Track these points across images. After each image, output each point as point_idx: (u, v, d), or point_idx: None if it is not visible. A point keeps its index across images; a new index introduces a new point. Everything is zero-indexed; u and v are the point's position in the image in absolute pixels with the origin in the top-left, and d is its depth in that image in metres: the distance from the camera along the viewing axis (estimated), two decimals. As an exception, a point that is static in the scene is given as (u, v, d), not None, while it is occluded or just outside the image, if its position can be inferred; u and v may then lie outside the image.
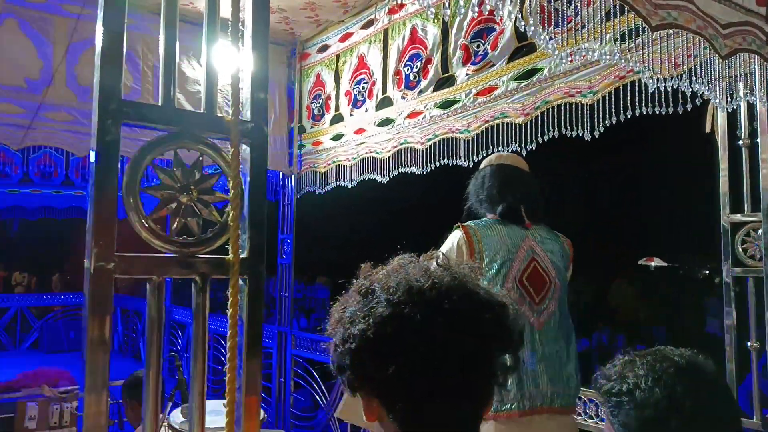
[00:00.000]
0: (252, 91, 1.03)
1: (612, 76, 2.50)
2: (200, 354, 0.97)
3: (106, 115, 0.86)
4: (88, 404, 0.85)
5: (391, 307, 0.81)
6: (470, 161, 3.18)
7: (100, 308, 0.85)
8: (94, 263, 0.85)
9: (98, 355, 0.85)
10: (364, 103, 4.03)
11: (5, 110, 3.73)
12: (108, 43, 0.88)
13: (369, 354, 0.81)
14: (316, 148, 4.55)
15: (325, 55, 4.42)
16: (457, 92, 3.28)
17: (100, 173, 0.86)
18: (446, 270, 0.86)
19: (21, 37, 3.81)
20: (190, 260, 0.95)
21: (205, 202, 0.96)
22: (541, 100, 2.83)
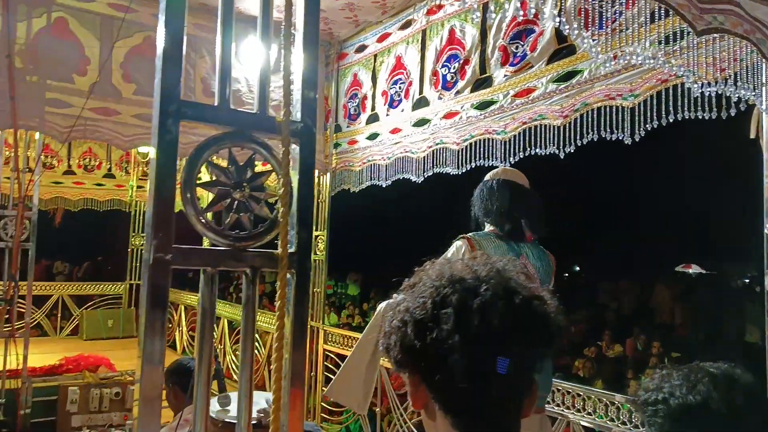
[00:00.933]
0: (302, 92, 1.06)
1: (654, 79, 2.47)
2: (249, 343, 1.01)
3: (167, 115, 0.91)
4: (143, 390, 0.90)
5: (432, 287, 0.86)
6: (506, 162, 3.18)
7: (158, 297, 0.89)
8: (153, 254, 0.89)
9: (155, 343, 0.89)
10: (400, 103, 4.06)
11: (53, 105, 3.88)
12: (169, 45, 0.93)
13: (411, 327, 0.85)
14: (352, 147, 4.60)
15: (363, 55, 4.47)
16: (494, 93, 3.28)
17: (160, 170, 0.90)
18: (485, 264, 0.89)
19: (70, 35, 3.96)
20: (241, 254, 0.99)
21: (256, 198, 1.00)
22: (581, 102, 2.82)
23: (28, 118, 3.77)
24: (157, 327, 0.89)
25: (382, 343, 0.92)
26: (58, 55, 3.87)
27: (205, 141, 0.95)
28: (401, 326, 0.87)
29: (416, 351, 0.85)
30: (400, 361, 0.89)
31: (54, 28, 3.89)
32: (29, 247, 4.48)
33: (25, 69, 3.78)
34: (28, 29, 3.78)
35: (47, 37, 3.83)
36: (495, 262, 0.91)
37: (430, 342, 0.82)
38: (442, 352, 0.81)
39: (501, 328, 0.82)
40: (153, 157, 0.92)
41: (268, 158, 1.01)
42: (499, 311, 0.82)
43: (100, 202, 8.01)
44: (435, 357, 0.83)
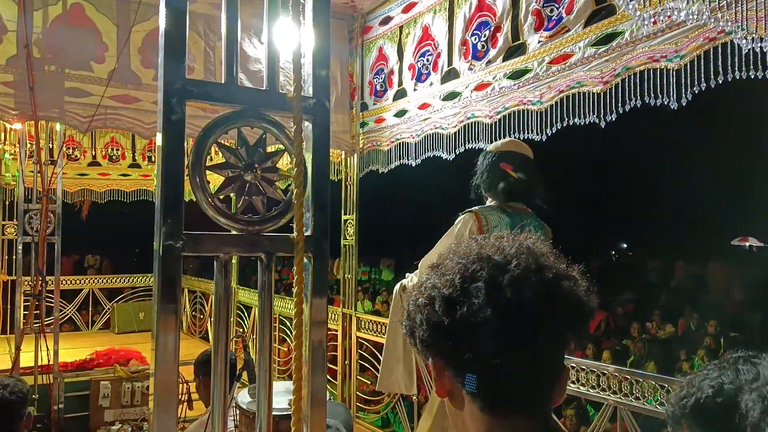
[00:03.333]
0: (314, 68, 1.05)
1: (701, 38, 2.36)
2: (266, 331, 1.01)
3: (171, 94, 0.90)
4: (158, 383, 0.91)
5: (460, 264, 0.85)
6: (543, 135, 3.11)
7: (169, 286, 0.90)
8: (162, 242, 0.90)
9: (169, 334, 0.90)
10: (428, 76, 4.01)
11: (73, 94, 3.95)
12: (171, 23, 0.92)
13: (439, 303, 0.83)
14: (379, 125, 4.57)
15: (388, 28, 4.42)
16: (528, 61, 3.20)
17: (167, 152, 0.90)
18: (515, 241, 0.87)
19: (87, 22, 4.02)
20: (255, 238, 0.99)
21: (269, 180, 1.00)
22: (622, 66, 2.73)
23: (48, 109, 3.86)
24: (169, 318, 0.90)
25: (406, 324, 0.90)
26: (75, 43, 3.94)
27: (212, 121, 0.95)
28: (428, 303, 0.86)
29: (444, 328, 0.83)
30: (426, 340, 0.87)
31: (70, 15, 3.96)
32: (55, 240, 4.62)
33: (43, 59, 3.86)
34: (45, 18, 3.85)
35: (64, 25, 3.90)
36: (524, 239, 0.89)
37: (460, 317, 0.81)
38: (473, 326, 0.80)
39: (534, 302, 0.80)
40: (159, 139, 0.92)
41: (279, 137, 1.01)
42: (531, 285, 0.81)
43: (126, 193, 8.19)
44: (465, 334, 0.82)
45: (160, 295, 0.90)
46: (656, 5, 1.75)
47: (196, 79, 0.94)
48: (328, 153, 1.07)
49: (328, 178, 1.07)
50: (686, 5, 1.66)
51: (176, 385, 0.91)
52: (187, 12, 0.95)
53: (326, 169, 1.06)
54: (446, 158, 3.91)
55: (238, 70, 0.99)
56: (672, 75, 2.53)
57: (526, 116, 3.24)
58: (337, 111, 4.69)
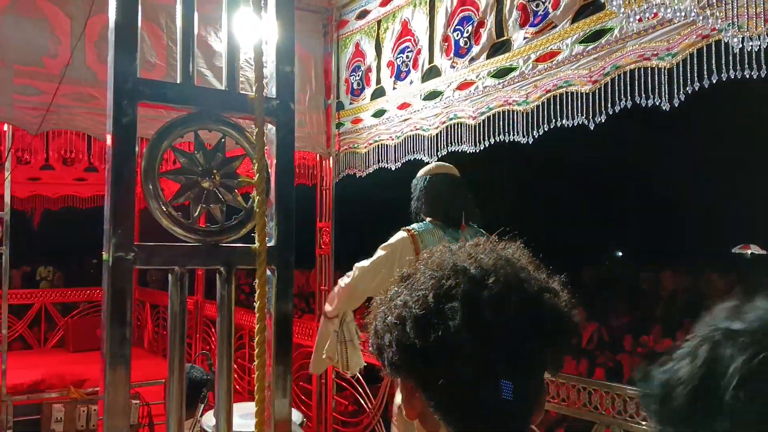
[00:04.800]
0: (277, 65, 1.05)
1: (694, 35, 2.41)
2: (225, 350, 1.01)
3: (122, 95, 0.90)
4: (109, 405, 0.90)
5: (433, 279, 0.84)
6: (529, 137, 3.14)
7: (119, 301, 0.89)
8: (112, 254, 0.89)
9: (119, 353, 0.90)
10: (408, 74, 4.03)
11: (23, 92, 3.89)
12: (121, 15, 0.92)
13: (411, 324, 0.82)
14: (356, 126, 4.58)
15: (365, 22, 4.43)
16: (513, 59, 3.24)
17: (117, 157, 0.90)
18: (491, 251, 0.87)
19: (37, 13, 3.96)
20: (213, 249, 0.99)
21: (228, 187, 1.00)
22: (611, 65, 2.77)
23: (-5, 108, 3.81)
24: (120, 336, 0.90)
25: (373, 343, 0.91)
26: (25, 36, 3.89)
27: (167, 124, 0.95)
28: (398, 323, 0.85)
29: (416, 351, 0.83)
30: (396, 363, 0.87)
31: (19, 5, 3.90)
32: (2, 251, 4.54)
33: (-11, 54, 3.80)
34: (-9, 9, 3.80)
35: (12, 16, 3.84)
36: (501, 249, 0.89)
37: (434, 340, 0.81)
38: (448, 351, 0.80)
39: (514, 324, 0.80)
40: (109, 143, 0.92)
41: (240, 141, 1.01)
42: (511, 305, 0.81)
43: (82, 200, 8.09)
44: (438, 358, 0.82)
45: (111, 311, 0.89)
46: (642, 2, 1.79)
47: (149, 79, 0.94)
48: (293, 157, 1.08)
49: (293, 183, 1.07)
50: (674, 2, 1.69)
51: (128, 409, 0.91)
52: (138, 3, 0.95)
53: (291, 175, 1.06)
54: (428, 161, 3.93)
55: (198, 68, 0.99)
56: (664, 74, 2.57)
57: (511, 117, 3.27)
58: (311, 110, 4.69)
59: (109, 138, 0.91)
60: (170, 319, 0.97)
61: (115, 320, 0.88)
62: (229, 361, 1.00)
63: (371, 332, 0.92)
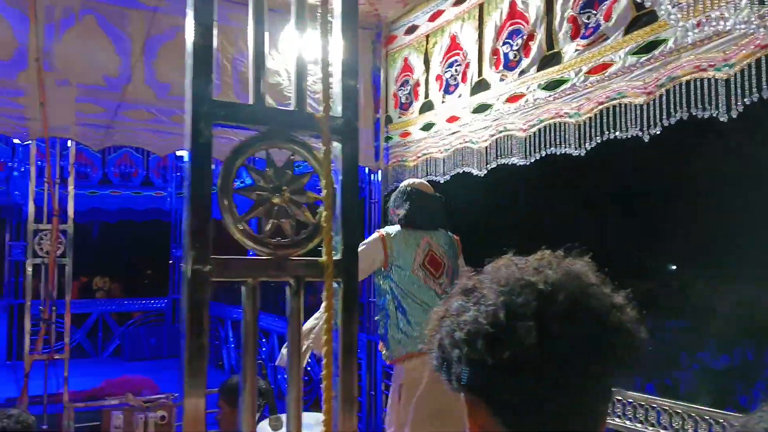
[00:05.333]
0: (342, 84, 1.09)
1: (752, 45, 2.37)
2: (295, 359, 1.05)
3: (199, 118, 0.95)
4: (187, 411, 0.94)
5: (503, 295, 0.84)
6: (581, 149, 3.13)
7: (198, 312, 0.94)
8: (191, 266, 0.94)
9: (197, 361, 0.94)
10: (457, 87, 4.06)
11: (85, 110, 4.07)
12: (199, 40, 0.97)
13: (482, 342, 0.83)
14: (405, 139, 4.63)
15: (414, 37, 4.49)
16: (564, 71, 3.23)
17: (195, 176, 0.95)
18: (558, 266, 0.88)
19: (99, 34, 4.14)
20: (284, 263, 1.03)
21: (297, 202, 1.04)
22: (666, 76, 2.74)
23: (59, 125, 3.98)
24: (198, 345, 0.94)
25: (438, 356, 0.92)
26: (88, 57, 4.06)
27: (240, 144, 1.00)
28: (468, 339, 0.85)
29: (487, 368, 0.84)
30: (464, 378, 0.88)
31: (82, 27, 4.08)
32: (66, 262, 4.73)
33: (55, 73, 3.98)
34: (57, 31, 3.99)
35: (76, 38, 4.03)
36: (568, 264, 0.90)
37: (507, 358, 0.81)
38: (519, 368, 0.81)
39: (584, 341, 0.81)
40: (186, 163, 0.97)
41: (308, 158, 1.05)
42: (581, 323, 0.82)
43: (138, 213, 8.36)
44: (509, 374, 0.82)
45: (190, 321, 0.94)
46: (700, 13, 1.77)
47: (224, 101, 0.99)
48: (357, 173, 1.11)
49: (357, 199, 1.11)
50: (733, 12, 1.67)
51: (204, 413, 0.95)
52: (215, 28, 1.00)
53: (355, 191, 1.10)
54: (477, 174, 3.94)
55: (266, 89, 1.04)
56: (721, 85, 2.53)
57: (562, 129, 3.26)
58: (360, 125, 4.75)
59: (186, 158, 0.96)
60: (243, 329, 1.02)
61: (193, 330, 0.93)
62: (298, 371, 1.03)
63: (435, 346, 0.92)
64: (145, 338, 8.34)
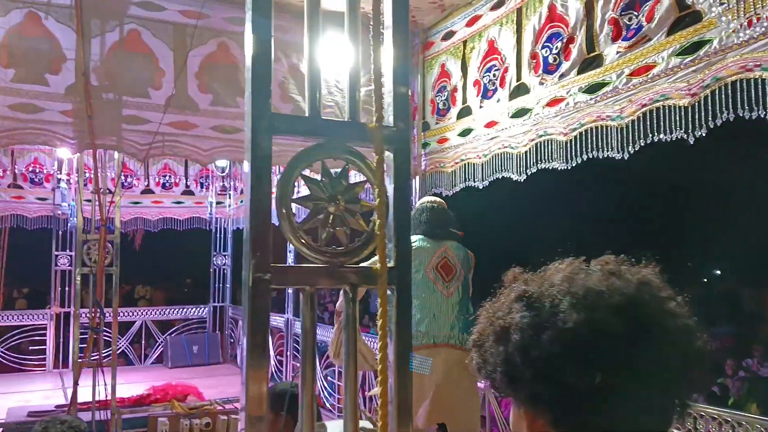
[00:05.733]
0: (394, 94, 1.12)
1: (802, 43, 2.33)
2: (352, 365, 1.07)
3: (259, 131, 0.99)
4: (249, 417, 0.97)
5: (583, 312, 0.82)
6: (624, 152, 3.10)
7: (259, 319, 0.97)
8: (252, 274, 0.97)
9: (259, 366, 0.97)
10: (495, 92, 4.06)
11: (131, 122, 4.19)
12: (258, 55, 1.00)
13: (565, 361, 0.81)
14: (442, 145, 4.64)
15: (451, 43, 4.50)
16: (606, 73, 3.21)
17: (255, 188, 0.98)
18: (632, 273, 0.87)
19: (143, 47, 4.26)
20: (339, 270, 1.05)
21: (351, 211, 1.07)
22: (711, 77, 2.70)
23: (106, 137, 4.11)
24: (259, 349, 0.97)
25: (499, 370, 0.90)
26: (132, 70, 4.18)
27: (297, 155, 1.03)
28: (547, 358, 0.83)
29: (573, 389, 0.82)
30: (533, 400, 0.88)
31: (127, 41, 4.21)
32: (113, 271, 4.86)
33: (101, 86, 4.11)
34: (102, 45, 4.11)
35: (121, 52, 4.15)
36: (637, 273, 0.88)
37: (582, 374, 0.80)
38: (610, 391, 0.80)
39: (657, 354, 0.81)
40: (247, 175, 1.00)
41: (361, 168, 1.07)
42: (655, 335, 0.82)
43: (179, 222, 8.52)
44: (583, 388, 0.81)
45: (251, 328, 0.97)
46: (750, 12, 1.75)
47: (282, 114, 1.02)
48: (409, 182, 1.14)
49: (410, 207, 1.13)
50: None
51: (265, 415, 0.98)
52: (272, 43, 1.03)
53: (407, 199, 1.12)
54: (516, 179, 3.93)
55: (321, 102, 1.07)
56: (768, 85, 2.49)
57: (604, 133, 3.23)
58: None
59: (247, 169, 0.99)
60: (302, 335, 1.04)
61: (255, 336, 0.96)
62: (355, 377, 1.06)
63: (497, 358, 0.90)
64: (187, 345, 8.48)
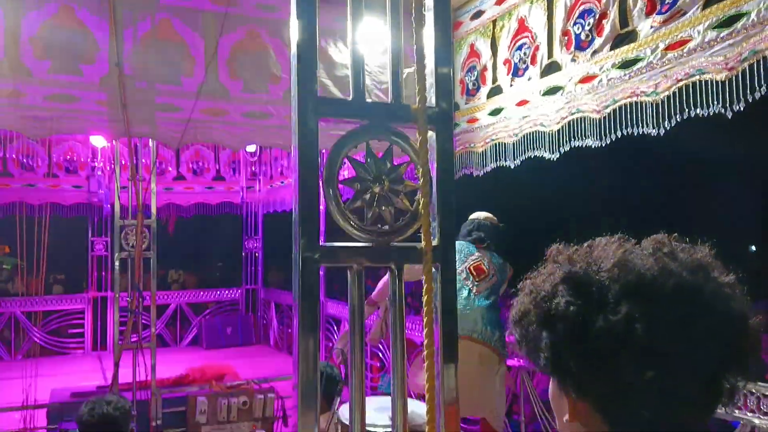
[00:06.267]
0: (436, 75, 1.13)
1: (844, 12, 2.28)
2: (399, 344, 1.09)
3: (306, 114, 1.01)
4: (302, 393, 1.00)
5: (635, 302, 0.82)
6: (660, 128, 3.06)
7: (309, 296, 1.00)
8: (301, 253, 1.00)
9: (310, 341, 1.00)
10: (526, 70, 4.02)
11: (164, 110, 4.25)
12: (304, 40, 1.02)
13: (616, 356, 0.81)
14: (472, 125, 4.62)
15: (480, 22, 4.46)
16: (640, 49, 3.16)
17: (303, 169, 1.01)
18: (683, 256, 0.87)
19: (174, 35, 4.31)
20: (385, 249, 1.08)
21: (396, 191, 1.09)
22: (749, 50, 2.65)
23: (140, 125, 4.18)
24: (310, 325, 1.00)
25: (543, 356, 0.90)
26: (164, 58, 4.23)
27: (343, 137, 1.05)
28: (603, 349, 0.83)
29: (616, 379, 0.83)
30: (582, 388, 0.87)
31: (158, 30, 4.26)
32: (150, 256, 4.97)
33: (134, 75, 4.17)
34: (135, 34, 4.17)
35: (153, 41, 4.20)
36: (692, 253, 0.89)
37: (633, 353, 0.80)
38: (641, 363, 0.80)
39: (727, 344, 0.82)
40: (295, 157, 1.03)
41: (405, 149, 1.09)
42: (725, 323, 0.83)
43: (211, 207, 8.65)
44: (634, 383, 0.81)
45: (301, 305, 1.00)
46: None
47: (327, 98, 1.04)
48: (452, 161, 1.15)
49: (453, 186, 1.15)
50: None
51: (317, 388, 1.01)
52: (317, 25, 1.05)
53: (451, 178, 1.14)
54: (549, 158, 3.90)
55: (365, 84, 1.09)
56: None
57: (639, 109, 3.19)
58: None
59: (294, 152, 1.02)
60: (350, 313, 1.07)
61: (305, 314, 0.99)
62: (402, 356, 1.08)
63: (541, 343, 0.90)
64: (221, 327, 8.65)
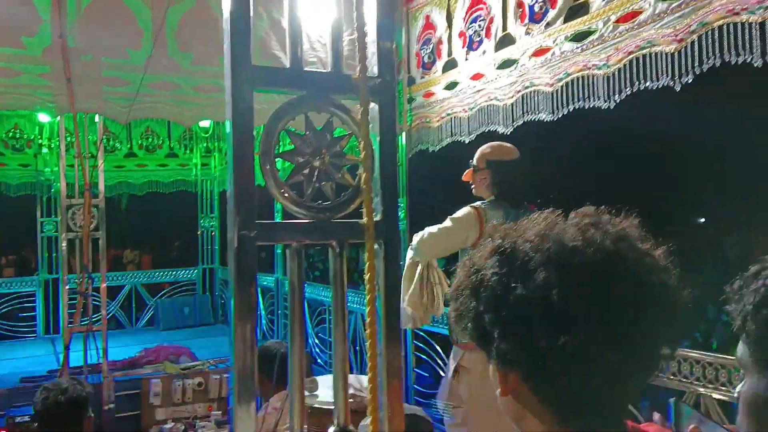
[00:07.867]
0: (378, 45, 1.09)
1: (789, -15, 2.30)
2: (340, 320, 1.06)
3: (240, 83, 0.96)
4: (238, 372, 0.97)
5: (553, 270, 0.80)
6: (610, 101, 3.07)
7: (246, 276, 0.96)
8: (237, 231, 0.96)
9: (246, 324, 0.96)
10: (481, 44, 4.00)
11: (111, 84, 4.10)
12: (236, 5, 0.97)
13: (531, 322, 0.80)
14: (428, 100, 4.59)
15: (435, -7, 4.41)
16: (592, 21, 3.16)
17: (238, 142, 0.96)
18: (608, 227, 0.85)
19: (120, 7, 4.12)
20: (326, 225, 1.04)
21: (337, 165, 1.05)
22: (698, 22, 2.67)
23: (87, 100, 4.01)
24: (246, 307, 0.96)
25: (469, 326, 0.89)
26: (110, 30, 4.05)
27: (280, 108, 1.00)
28: (514, 318, 0.82)
29: (531, 345, 0.81)
30: (506, 358, 0.85)
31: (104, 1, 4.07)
32: (99, 236, 4.82)
33: (79, 48, 3.99)
34: (78, 4, 3.97)
35: (97, 12, 4.01)
36: (616, 225, 0.86)
37: (554, 334, 0.79)
38: (572, 353, 0.79)
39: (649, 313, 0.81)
40: (228, 129, 0.98)
41: (346, 121, 1.05)
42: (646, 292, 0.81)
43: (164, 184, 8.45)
44: (549, 349, 0.79)
45: (237, 286, 0.96)
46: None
47: (263, 66, 0.99)
48: (395, 134, 1.12)
49: (396, 160, 1.11)
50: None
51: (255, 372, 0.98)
52: (249, -5, 0.99)
53: (394, 152, 1.10)
54: (503, 132, 3.90)
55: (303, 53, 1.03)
56: (755, 28, 2.46)
57: (591, 82, 3.20)
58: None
59: (228, 124, 0.97)
60: (290, 292, 1.04)
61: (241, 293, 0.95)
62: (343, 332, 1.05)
63: (469, 312, 0.88)
64: (178, 308, 8.52)
